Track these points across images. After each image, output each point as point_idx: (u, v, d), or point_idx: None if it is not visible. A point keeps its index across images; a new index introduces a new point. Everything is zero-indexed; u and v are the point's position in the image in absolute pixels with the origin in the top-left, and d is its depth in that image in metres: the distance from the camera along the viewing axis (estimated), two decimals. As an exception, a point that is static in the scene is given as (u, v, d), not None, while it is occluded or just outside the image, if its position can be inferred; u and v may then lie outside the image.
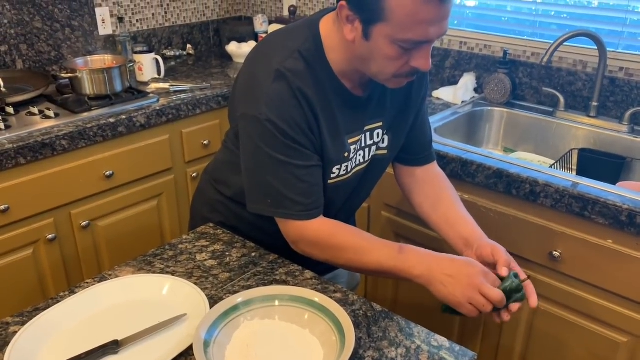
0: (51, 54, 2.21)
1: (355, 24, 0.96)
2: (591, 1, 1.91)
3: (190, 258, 1.13)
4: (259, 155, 1.04)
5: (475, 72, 2.09)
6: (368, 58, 0.99)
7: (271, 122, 1.00)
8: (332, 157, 1.09)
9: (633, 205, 1.30)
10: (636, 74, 1.77)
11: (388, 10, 0.91)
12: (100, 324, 0.94)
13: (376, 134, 1.17)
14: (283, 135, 1.01)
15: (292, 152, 1.03)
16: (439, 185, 1.28)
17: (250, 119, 1.03)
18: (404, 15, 0.90)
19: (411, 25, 0.91)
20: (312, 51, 1.03)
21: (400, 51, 0.95)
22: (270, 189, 1.05)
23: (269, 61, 1.03)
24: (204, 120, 2.11)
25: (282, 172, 1.04)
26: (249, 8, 2.91)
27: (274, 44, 1.07)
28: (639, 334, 1.37)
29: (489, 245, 1.10)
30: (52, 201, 1.73)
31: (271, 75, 1.01)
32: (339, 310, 0.90)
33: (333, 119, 1.06)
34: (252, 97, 1.03)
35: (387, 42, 0.94)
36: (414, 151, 1.28)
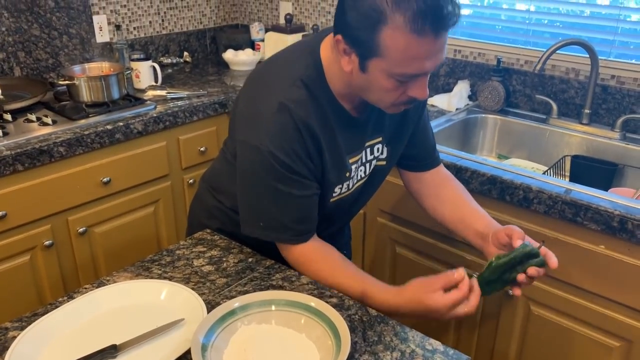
0: (49, 62, 2.23)
1: (351, 56, 0.97)
2: (583, 10, 1.94)
3: (187, 264, 1.14)
4: (257, 182, 1.06)
5: (470, 80, 2.12)
6: (366, 88, 1.01)
7: (272, 154, 1.01)
8: (334, 179, 1.11)
9: (624, 211, 1.32)
10: (627, 82, 1.79)
11: (383, 47, 0.91)
12: (99, 329, 0.95)
13: (376, 149, 1.19)
14: (283, 166, 1.02)
15: (292, 182, 1.04)
16: (448, 185, 1.30)
17: (251, 148, 1.04)
18: (399, 51, 0.91)
19: (406, 60, 0.92)
20: (314, 78, 1.04)
21: (397, 83, 0.96)
22: (265, 213, 1.08)
23: (272, 90, 1.04)
24: (200, 127, 2.12)
25: (279, 200, 1.06)
26: (245, 16, 2.94)
27: (276, 72, 1.08)
28: (631, 339, 1.39)
29: (502, 229, 1.11)
30: (49, 208, 1.74)
31: (274, 106, 1.02)
32: (335, 314, 0.91)
33: (334, 142, 1.08)
34: (254, 125, 1.04)
35: (384, 76, 0.95)
36: (420, 157, 1.30)
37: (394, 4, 0.88)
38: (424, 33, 0.89)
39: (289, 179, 1.04)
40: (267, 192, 1.06)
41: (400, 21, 0.88)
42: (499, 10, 2.12)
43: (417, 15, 0.87)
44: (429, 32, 0.89)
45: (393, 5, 0.88)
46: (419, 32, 0.88)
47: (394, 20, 0.88)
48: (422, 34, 0.89)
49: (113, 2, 2.38)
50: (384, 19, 0.89)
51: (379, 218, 1.82)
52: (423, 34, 0.89)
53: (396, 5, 0.87)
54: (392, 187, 1.71)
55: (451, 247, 1.66)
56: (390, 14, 0.88)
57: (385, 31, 0.90)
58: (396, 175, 1.68)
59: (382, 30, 0.90)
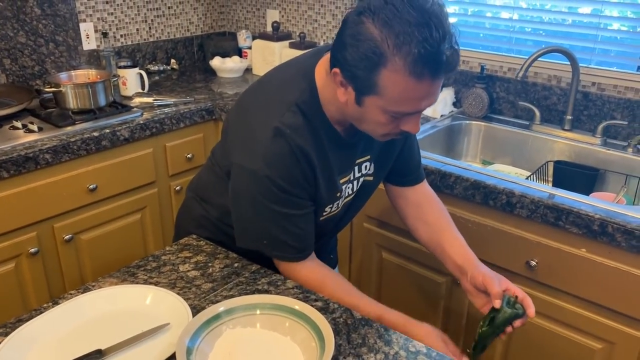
0: (35, 69, 2.22)
1: (348, 89, 0.98)
2: (565, 19, 1.97)
3: (173, 269, 1.14)
4: (255, 204, 1.07)
5: (454, 87, 2.14)
6: (359, 120, 1.02)
7: (269, 178, 1.03)
8: (325, 199, 1.13)
9: (605, 215, 1.34)
10: (607, 89, 1.83)
11: (381, 87, 0.93)
12: (84, 335, 0.95)
13: (364, 167, 1.21)
14: (280, 190, 1.04)
15: (289, 203, 1.06)
16: (430, 206, 1.33)
17: (247, 172, 1.05)
18: (396, 93, 0.92)
19: (403, 100, 0.94)
20: (309, 103, 1.05)
21: (391, 118, 0.98)
22: (265, 234, 1.10)
23: (267, 115, 1.05)
24: (187, 134, 2.13)
25: (278, 220, 1.08)
26: (232, 24, 2.95)
27: (271, 95, 1.08)
28: (613, 341, 1.41)
29: (480, 274, 1.15)
30: (34, 215, 1.73)
31: (270, 131, 1.02)
32: (319, 317, 0.92)
33: (327, 164, 1.10)
34: (249, 150, 1.05)
35: (379, 111, 0.97)
36: (403, 173, 1.32)
37: (395, 48, 0.88)
38: (423, 77, 0.90)
39: (286, 201, 1.06)
40: (264, 213, 1.07)
41: (400, 65, 0.89)
42: (483, 18, 2.15)
43: (417, 61, 0.88)
44: (427, 77, 0.91)
45: (394, 49, 0.89)
46: (418, 76, 0.90)
47: (394, 63, 0.89)
48: (421, 78, 0.90)
49: (100, 9, 2.39)
50: (384, 61, 0.90)
51: (366, 224, 1.83)
52: (421, 78, 0.90)
53: (397, 49, 0.88)
54: (378, 194, 1.72)
55: (436, 251, 1.67)
56: (391, 57, 0.89)
57: (384, 72, 0.91)
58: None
59: (381, 72, 0.91)
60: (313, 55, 1.11)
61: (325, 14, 2.51)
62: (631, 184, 1.67)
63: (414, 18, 0.88)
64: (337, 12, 2.46)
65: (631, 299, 1.35)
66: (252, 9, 2.82)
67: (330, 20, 2.50)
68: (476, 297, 1.18)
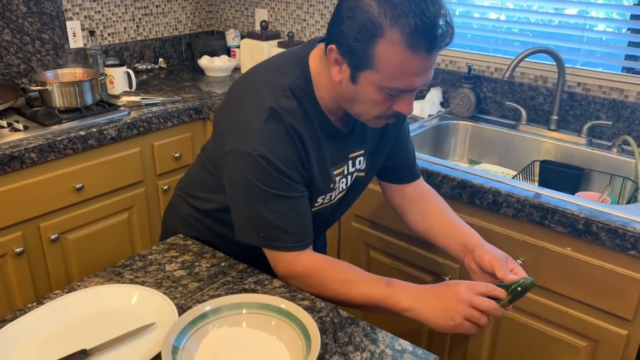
0: (20, 67, 2.20)
1: (343, 66, 0.98)
2: (552, 20, 1.99)
3: (159, 268, 1.14)
4: (250, 189, 1.04)
5: (442, 87, 2.16)
6: (353, 100, 1.02)
7: (265, 158, 1.01)
8: (320, 188, 1.12)
9: (589, 213, 1.36)
10: (593, 89, 1.85)
11: (377, 60, 0.93)
12: (69, 335, 0.95)
13: (358, 161, 1.21)
14: (276, 170, 1.02)
15: (285, 186, 1.04)
16: (429, 200, 1.32)
17: (242, 155, 1.02)
18: (393, 65, 0.93)
19: (399, 75, 0.94)
20: (303, 88, 1.05)
21: (385, 96, 0.98)
22: (262, 221, 1.06)
23: (261, 98, 1.04)
24: (175, 133, 2.12)
25: (274, 205, 1.05)
26: (221, 23, 2.94)
27: (263, 80, 1.07)
28: (597, 339, 1.42)
29: (487, 253, 1.11)
30: (20, 214, 1.72)
31: (264, 112, 1.02)
32: (305, 316, 0.92)
33: (321, 152, 1.09)
34: (243, 133, 1.03)
35: (374, 88, 0.97)
36: (400, 169, 1.32)
37: (392, 19, 0.89)
38: (419, 50, 0.91)
39: (281, 183, 1.03)
40: (260, 198, 1.04)
41: (397, 36, 0.90)
42: (470, 19, 2.16)
43: (414, 32, 0.89)
44: (423, 50, 0.91)
45: (391, 20, 0.90)
46: (414, 49, 0.91)
47: (391, 34, 0.90)
48: (417, 50, 0.91)
49: (87, 7, 2.37)
50: (381, 32, 0.91)
51: (354, 223, 1.84)
52: (417, 51, 0.91)
53: (394, 20, 0.89)
54: (367, 193, 1.72)
55: (425, 251, 1.68)
56: (388, 28, 0.90)
57: (381, 44, 0.91)
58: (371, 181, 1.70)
59: (378, 43, 0.92)
60: (307, 45, 1.11)
61: (314, 14, 2.51)
62: (615, 184, 1.69)
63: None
64: (325, 11, 2.46)
65: (615, 297, 1.36)
66: (241, 8, 2.81)
67: (318, 19, 2.50)
68: (480, 278, 1.14)
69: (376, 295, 1.04)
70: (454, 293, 1.00)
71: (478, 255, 1.13)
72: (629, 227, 1.30)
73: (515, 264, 1.11)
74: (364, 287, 1.05)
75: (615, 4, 1.83)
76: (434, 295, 1.02)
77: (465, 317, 0.98)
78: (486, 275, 1.12)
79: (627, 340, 1.38)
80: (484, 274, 1.13)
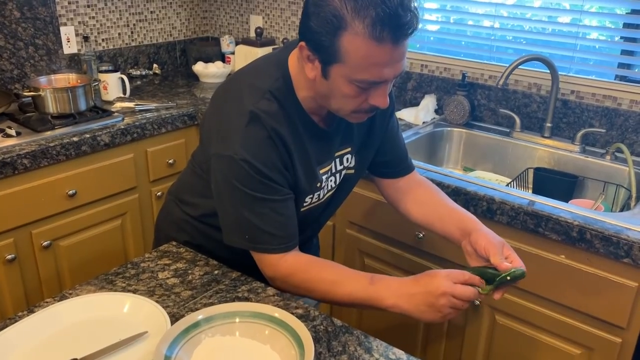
0: (13, 72, 2.19)
1: (315, 63, 0.99)
2: (545, 27, 2.00)
3: (152, 276, 1.13)
4: (235, 193, 1.05)
5: (436, 94, 2.16)
6: (328, 95, 1.03)
7: (247, 162, 1.02)
8: (306, 189, 1.13)
9: (583, 221, 1.36)
10: (586, 97, 1.86)
11: (343, 52, 0.94)
12: (60, 343, 0.93)
13: (345, 159, 1.21)
14: (259, 174, 1.03)
15: (268, 189, 1.05)
16: (423, 188, 1.32)
17: (225, 159, 1.04)
18: (358, 57, 0.93)
19: (366, 66, 0.94)
20: (283, 90, 1.06)
21: (357, 90, 0.99)
22: (247, 224, 1.07)
23: (241, 102, 1.05)
24: (169, 139, 2.11)
25: (258, 208, 1.05)
26: (215, 29, 2.94)
27: (244, 84, 1.08)
28: (592, 346, 1.42)
29: (483, 238, 1.11)
30: (11, 221, 1.71)
31: (245, 116, 1.02)
32: (299, 325, 0.91)
33: (305, 153, 1.09)
34: (226, 137, 1.04)
35: (345, 82, 0.98)
36: (392, 164, 1.32)
37: (354, 11, 0.90)
38: (383, 40, 0.91)
39: (265, 186, 1.04)
40: (245, 201, 1.05)
41: (360, 27, 0.90)
42: (464, 26, 2.17)
43: (375, 22, 0.90)
44: (388, 40, 0.91)
45: (353, 12, 0.90)
46: (378, 39, 0.91)
47: (354, 26, 0.91)
48: (381, 41, 0.91)
49: (81, 13, 2.36)
50: (344, 24, 0.91)
51: (348, 229, 1.83)
52: (382, 41, 0.91)
53: (356, 12, 0.90)
54: (361, 199, 1.73)
55: (417, 257, 1.68)
56: (350, 20, 0.91)
57: (345, 37, 0.92)
58: (365, 187, 1.70)
59: (342, 36, 0.92)
60: (286, 47, 1.12)
61: (309, 20, 2.51)
62: (609, 191, 1.69)
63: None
64: (320, 18, 2.46)
65: (609, 305, 1.36)
66: (236, 14, 2.82)
67: (313, 26, 2.50)
68: (475, 261, 1.14)
69: (360, 294, 1.04)
70: (436, 287, 1.00)
71: (474, 239, 1.13)
72: (623, 235, 1.30)
73: (510, 251, 1.10)
74: (348, 287, 1.05)
75: (608, 13, 1.84)
76: (417, 291, 1.01)
77: (449, 306, 1.00)
78: (480, 259, 1.11)
79: (621, 347, 1.38)
80: (479, 257, 1.12)
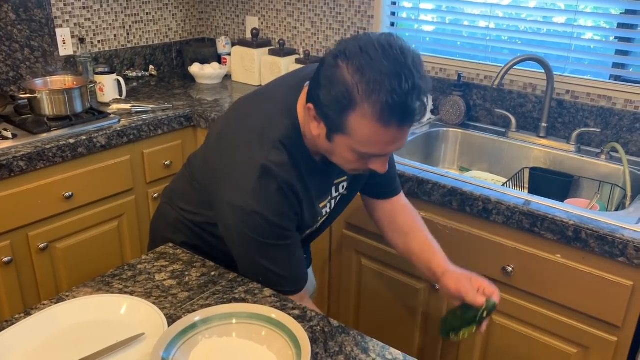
0: (9, 74, 2.19)
1: (320, 124, 1.01)
2: (541, 28, 2.01)
3: (149, 278, 1.13)
4: (246, 240, 1.09)
5: (432, 95, 2.16)
6: (330, 153, 1.06)
7: (259, 214, 1.04)
8: (308, 225, 1.17)
9: (578, 221, 1.36)
10: (581, 97, 1.86)
11: (349, 129, 0.96)
12: (57, 346, 0.94)
13: (341, 186, 1.24)
14: (270, 224, 1.06)
15: (279, 236, 1.09)
16: (404, 217, 1.36)
17: (236, 209, 1.06)
18: (365, 135, 0.96)
19: (370, 144, 0.97)
20: (293, 138, 1.08)
21: (359, 157, 1.02)
22: (260, 268, 1.12)
23: (253, 152, 1.06)
24: (165, 140, 2.11)
25: (270, 253, 1.10)
26: (212, 30, 2.94)
27: (255, 132, 1.09)
28: (587, 345, 1.43)
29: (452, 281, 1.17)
30: (8, 223, 1.70)
31: (257, 169, 1.04)
32: (296, 325, 0.92)
33: (309, 193, 1.12)
34: (237, 187, 1.06)
35: (348, 150, 1.00)
36: (380, 186, 1.35)
37: (365, 94, 0.91)
38: (389, 125, 0.93)
39: (276, 234, 1.08)
40: (257, 248, 1.09)
41: (369, 111, 0.92)
42: (460, 27, 2.18)
43: (384, 109, 0.91)
44: (394, 124, 0.94)
45: (364, 94, 0.91)
46: (385, 123, 0.93)
47: (363, 108, 0.92)
48: (388, 125, 0.93)
49: (77, 15, 2.36)
50: (354, 106, 0.93)
51: (345, 231, 1.84)
52: (389, 125, 0.94)
53: (367, 95, 0.91)
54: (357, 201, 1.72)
55: (415, 258, 1.68)
56: (360, 102, 0.92)
57: (353, 116, 0.94)
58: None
59: (350, 115, 0.94)
60: (293, 88, 1.13)
61: (305, 22, 2.51)
62: (604, 191, 1.70)
63: (385, 68, 0.91)
64: (316, 19, 2.47)
65: (605, 304, 1.37)
66: (232, 15, 2.82)
67: (309, 27, 2.51)
68: (453, 300, 1.20)
69: None
70: None
71: (444, 284, 1.20)
72: (618, 234, 1.31)
73: (480, 281, 1.16)
74: None
75: (603, 13, 1.85)
76: None
77: None
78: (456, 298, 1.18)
79: (617, 346, 1.39)
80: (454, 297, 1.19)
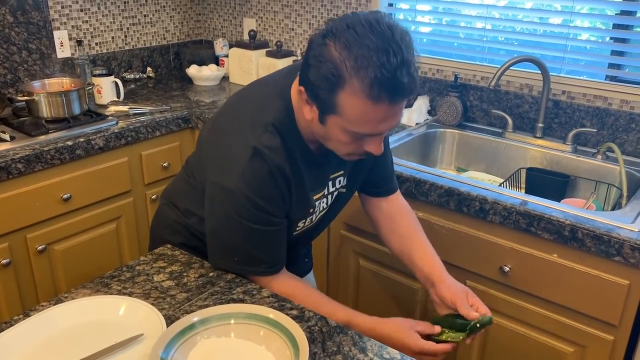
0: (7, 77, 2.19)
1: (312, 107, 1.01)
2: (537, 29, 2.02)
3: (147, 279, 1.13)
4: (232, 223, 1.08)
5: (429, 95, 2.17)
6: (324, 137, 1.05)
7: (248, 197, 1.04)
8: (297, 215, 1.15)
9: (575, 220, 1.37)
10: (577, 97, 1.87)
11: (340, 107, 0.95)
12: (56, 347, 0.94)
13: (338, 182, 1.23)
14: (258, 208, 1.05)
15: (265, 221, 1.08)
16: (402, 219, 1.35)
17: (225, 191, 1.06)
18: (355, 114, 0.95)
19: (362, 122, 0.96)
20: (285, 122, 1.07)
21: (353, 138, 1.01)
22: (240, 250, 1.11)
23: (245, 134, 1.06)
24: (163, 142, 2.11)
25: (254, 236, 1.09)
26: (209, 32, 2.95)
27: (247, 115, 1.09)
28: (584, 344, 1.44)
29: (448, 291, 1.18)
30: (6, 225, 1.71)
31: (248, 151, 1.04)
32: (294, 325, 0.92)
33: (301, 181, 1.11)
34: (227, 169, 1.06)
35: (340, 130, 0.99)
36: (377, 184, 1.35)
37: (353, 70, 0.91)
38: (380, 100, 0.92)
39: (263, 218, 1.07)
40: (242, 232, 1.08)
41: (358, 87, 0.91)
42: (457, 28, 2.18)
43: (373, 84, 0.90)
44: (385, 100, 0.93)
45: (352, 71, 0.91)
46: (375, 99, 0.92)
47: (352, 85, 0.92)
48: (378, 100, 0.92)
49: (75, 17, 2.37)
50: (343, 82, 0.92)
51: (343, 231, 1.84)
52: (379, 101, 0.92)
53: (355, 71, 0.91)
54: (355, 201, 1.73)
55: (412, 258, 1.69)
56: (349, 79, 0.91)
57: (342, 94, 0.93)
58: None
59: (339, 93, 0.93)
60: (288, 74, 1.12)
61: (302, 23, 2.52)
62: (600, 190, 1.71)
63: (373, 43, 0.90)
64: (313, 21, 2.48)
65: (601, 303, 1.37)
66: (229, 17, 2.82)
67: (306, 29, 2.51)
68: (442, 309, 1.22)
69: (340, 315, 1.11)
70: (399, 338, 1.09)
71: (440, 293, 1.20)
72: (614, 234, 1.31)
73: (475, 299, 1.17)
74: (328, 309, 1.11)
75: (599, 14, 1.86)
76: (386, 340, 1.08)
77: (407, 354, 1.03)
78: (448, 308, 1.19)
79: (614, 345, 1.39)
80: (446, 306, 1.20)
